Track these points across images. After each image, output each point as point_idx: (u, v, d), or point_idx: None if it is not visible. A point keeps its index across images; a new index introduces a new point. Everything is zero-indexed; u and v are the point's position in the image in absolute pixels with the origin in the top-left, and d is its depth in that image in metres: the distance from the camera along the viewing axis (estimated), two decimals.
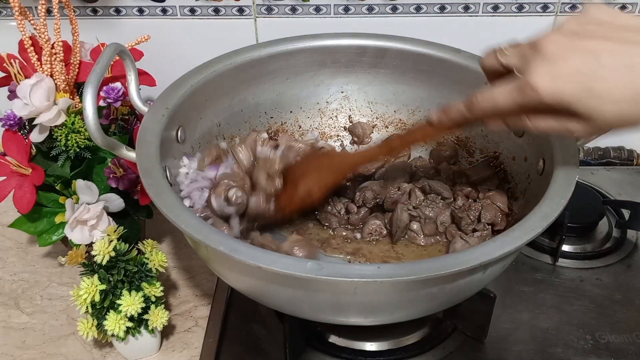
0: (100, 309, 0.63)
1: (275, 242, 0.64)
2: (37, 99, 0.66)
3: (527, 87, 0.46)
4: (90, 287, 0.61)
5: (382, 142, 0.73)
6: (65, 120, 0.68)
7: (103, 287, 0.62)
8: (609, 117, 0.44)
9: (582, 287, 0.75)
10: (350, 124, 0.85)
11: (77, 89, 0.74)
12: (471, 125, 0.57)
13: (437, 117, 0.59)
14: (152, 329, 0.65)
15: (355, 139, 0.85)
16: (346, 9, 0.88)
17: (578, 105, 0.44)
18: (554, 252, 0.79)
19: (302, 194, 0.69)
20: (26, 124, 0.71)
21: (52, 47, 0.69)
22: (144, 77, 0.75)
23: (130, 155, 0.60)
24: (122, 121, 0.73)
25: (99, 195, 0.70)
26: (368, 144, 0.84)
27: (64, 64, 0.70)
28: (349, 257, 0.70)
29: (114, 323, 0.62)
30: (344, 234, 0.73)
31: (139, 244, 0.68)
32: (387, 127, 0.85)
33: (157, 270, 0.66)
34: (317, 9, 0.88)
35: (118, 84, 0.70)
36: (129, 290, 0.63)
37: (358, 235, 0.73)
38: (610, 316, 0.71)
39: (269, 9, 0.88)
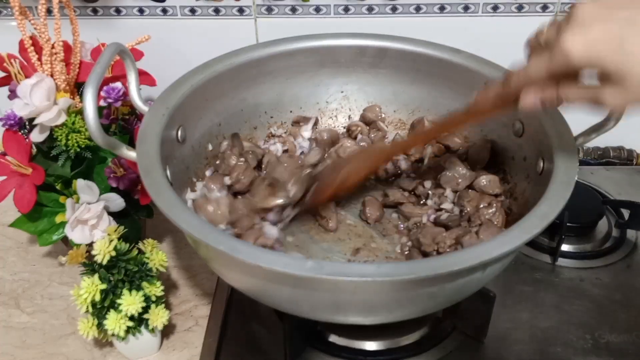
0: (100, 309, 0.63)
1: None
2: (38, 98, 0.66)
3: (558, 52, 0.46)
4: (91, 287, 0.61)
5: (416, 130, 0.74)
6: (66, 120, 0.68)
7: (103, 286, 0.62)
8: None
9: (581, 286, 0.75)
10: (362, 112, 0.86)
11: (77, 88, 0.74)
12: (508, 107, 0.56)
13: (475, 100, 0.59)
14: (153, 329, 0.65)
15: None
16: (346, 9, 0.88)
17: (610, 65, 0.44)
18: (553, 251, 0.79)
19: (339, 181, 0.70)
20: (26, 123, 0.71)
21: (53, 47, 0.69)
22: (144, 77, 0.75)
23: (131, 154, 0.60)
24: (122, 121, 0.73)
25: (100, 195, 0.70)
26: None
27: (64, 63, 0.70)
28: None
29: (114, 322, 0.62)
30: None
31: (139, 244, 0.68)
32: (386, 127, 0.85)
33: (157, 269, 0.66)
34: (317, 9, 0.88)
35: (118, 84, 0.70)
36: (130, 290, 0.63)
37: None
38: (610, 316, 0.71)
39: (269, 9, 0.88)
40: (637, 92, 0.45)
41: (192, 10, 0.89)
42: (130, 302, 0.62)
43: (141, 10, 0.88)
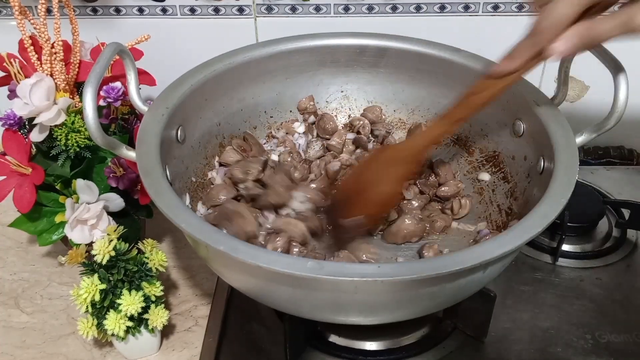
0: (100, 309, 0.63)
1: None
2: (37, 98, 0.66)
3: None
4: (91, 287, 0.61)
5: (440, 116, 0.64)
6: (65, 120, 0.68)
7: (103, 286, 0.62)
8: None
9: (582, 286, 0.75)
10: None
11: (77, 88, 0.74)
12: (539, 61, 0.52)
13: (503, 62, 0.54)
14: (152, 329, 0.65)
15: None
16: (346, 9, 0.88)
17: None
18: (554, 251, 0.79)
19: (379, 198, 0.64)
20: (26, 123, 0.71)
21: (52, 47, 0.69)
22: (144, 77, 0.75)
23: (130, 154, 0.60)
24: (122, 121, 0.73)
25: (99, 195, 0.70)
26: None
27: (64, 63, 0.70)
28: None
29: (114, 322, 0.62)
30: None
31: (139, 244, 0.68)
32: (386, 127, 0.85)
33: (157, 269, 0.66)
34: (317, 9, 0.88)
35: (118, 84, 0.70)
36: (129, 290, 0.63)
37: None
38: (610, 316, 0.71)
39: (269, 9, 0.88)
40: None
41: (192, 10, 0.88)
42: (130, 302, 0.62)
43: (141, 10, 0.88)
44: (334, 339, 0.68)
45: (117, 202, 0.71)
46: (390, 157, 0.67)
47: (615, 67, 0.59)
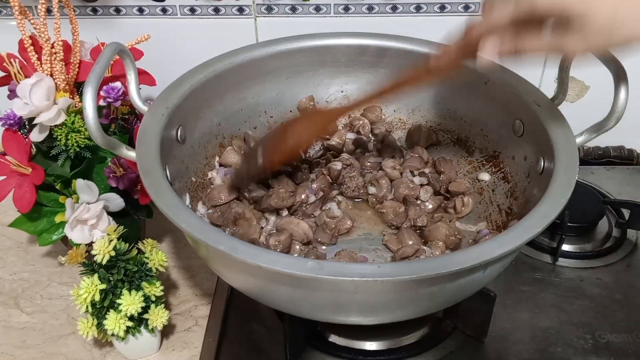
0: (100, 309, 0.63)
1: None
2: (37, 98, 0.66)
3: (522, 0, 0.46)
4: (90, 287, 0.61)
5: (370, 91, 0.70)
6: (65, 120, 0.68)
7: (103, 286, 0.62)
8: (604, 20, 0.44)
9: (582, 286, 0.75)
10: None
11: (77, 88, 0.74)
12: (467, 58, 0.55)
13: (436, 54, 0.58)
14: (152, 329, 0.65)
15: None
16: (346, 9, 0.88)
17: (574, 9, 0.44)
18: (554, 251, 0.79)
19: (290, 144, 0.70)
20: (26, 123, 0.71)
21: (52, 47, 0.69)
22: (144, 77, 0.75)
23: (130, 154, 0.60)
24: (122, 120, 0.73)
25: (99, 195, 0.70)
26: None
27: (63, 63, 0.70)
28: None
29: (114, 322, 0.62)
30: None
31: (139, 244, 0.68)
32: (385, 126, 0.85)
33: (157, 269, 0.66)
34: (317, 9, 0.88)
35: (118, 84, 0.70)
36: (129, 290, 0.63)
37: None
38: (610, 316, 0.71)
39: (269, 9, 0.88)
40: (598, 37, 0.45)
41: (192, 10, 0.88)
42: (130, 302, 0.62)
43: (141, 10, 0.88)
44: (334, 339, 0.68)
45: (117, 202, 0.71)
46: (312, 116, 0.77)
47: (616, 67, 0.59)
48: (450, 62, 0.58)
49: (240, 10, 0.88)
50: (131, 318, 0.63)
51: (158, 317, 0.64)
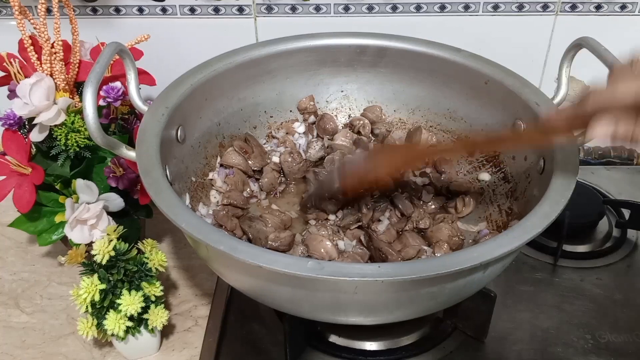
0: (100, 309, 0.63)
1: None
2: (37, 98, 0.66)
3: None
4: (90, 287, 0.61)
5: (465, 138, 0.73)
6: (65, 120, 0.68)
7: (103, 286, 0.62)
8: None
9: (582, 286, 0.75)
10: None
11: (76, 88, 0.74)
12: (577, 129, 0.51)
13: (546, 118, 0.55)
14: (152, 329, 0.65)
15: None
16: (346, 8, 0.88)
17: None
18: (554, 251, 0.79)
19: (371, 176, 0.70)
20: (26, 123, 0.71)
21: (52, 47, 0.69)
22: (144, 77, 0.75)
23: (130, 154, 0.60)
24: (122, 120, 0.73)
25: (99, 195, 0.70)
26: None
27: (63, 63, 0.70)
28: None
29: (113, 322, 0.62)
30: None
31: (138, 244, 0.67)
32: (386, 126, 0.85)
33: (156, 269, 0.66)
34: (317, 8, 0.88)
35: (118, 83, 0.70)
36: (129, 290, 0.63)
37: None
38: (610, 316, 0.71)
39: (269, 8, 0.88)
40: None
41: (192, 10, 0.88)
42: (130, 302, 0.62)
43: (140, 10, 0.88)
44: (334, 339, 0.68)
45: (117, 202, 0.71)
46: (405, 146, 0.78)
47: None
48: (559, 129, 0.54)
49: (240, 10, 0.88)
50: (131, 318, 0.63)
51: (158, 317, 0.64)
